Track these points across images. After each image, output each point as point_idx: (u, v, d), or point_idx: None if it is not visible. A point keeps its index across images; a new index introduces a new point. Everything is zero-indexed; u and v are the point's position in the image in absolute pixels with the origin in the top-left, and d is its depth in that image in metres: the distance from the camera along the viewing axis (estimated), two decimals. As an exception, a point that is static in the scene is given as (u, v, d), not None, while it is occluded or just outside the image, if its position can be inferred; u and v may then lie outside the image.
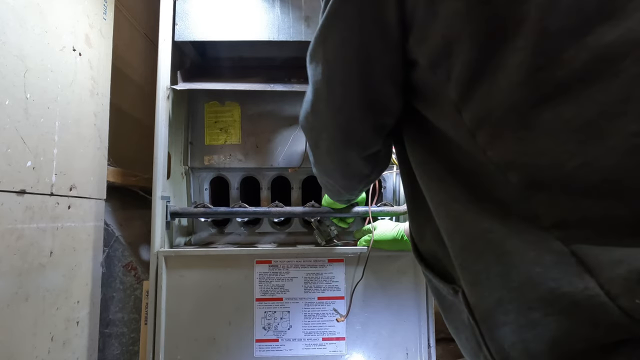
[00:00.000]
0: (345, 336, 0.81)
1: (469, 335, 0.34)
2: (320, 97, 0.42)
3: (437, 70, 0.33)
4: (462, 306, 0.34)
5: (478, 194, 0.32)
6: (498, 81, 0.29)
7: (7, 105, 0.58)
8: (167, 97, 0.87)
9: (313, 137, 0.49)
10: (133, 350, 0.90)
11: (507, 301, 0.28)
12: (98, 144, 0.83)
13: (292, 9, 0.87)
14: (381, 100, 0.39)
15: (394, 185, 1.01)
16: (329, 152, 0.47)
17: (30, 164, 0.62)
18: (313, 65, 0.41)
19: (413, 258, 0.81)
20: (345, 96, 0.40)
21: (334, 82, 0.39)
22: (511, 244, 0.28)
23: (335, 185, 0.55)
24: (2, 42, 0.57)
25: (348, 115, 0.41)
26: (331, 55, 0.38)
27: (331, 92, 0.40)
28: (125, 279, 0.91)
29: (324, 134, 0.45)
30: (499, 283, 0.29)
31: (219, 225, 1.02)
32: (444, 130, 0.34)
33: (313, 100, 0.44)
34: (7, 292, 0.58)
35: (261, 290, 0.81)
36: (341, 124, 0.42)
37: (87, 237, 0.80)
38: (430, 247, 0.41)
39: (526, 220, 0.28)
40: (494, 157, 0.30)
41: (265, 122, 1.00)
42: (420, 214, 0.41)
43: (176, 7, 0.87)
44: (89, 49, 0.79)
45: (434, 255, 0.40)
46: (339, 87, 0.39)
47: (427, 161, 0.37)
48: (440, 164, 0.35)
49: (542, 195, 0.28)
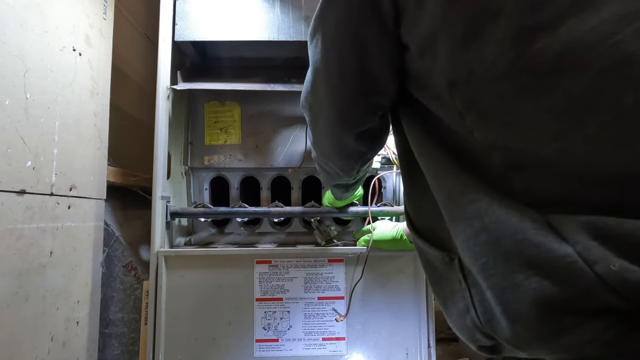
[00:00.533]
0: (345, 336, 0.81)
1: (458, 299, 0.36)
2: (319, 76, 0.44)
3: (424, 56, 0.34)
4: (454, 273, 0.36)
5: (467, 169, 0.34)
6: (479, 70, 0.30)
7: (7, 105, 0.58)
8: (167, 97, 0.87)
9: (312, 116, 0.50)
10: (133, 350, 0.90)
11: (491, 265, 0.30)
12: (98, 144, 0.83)
13: (292, 9, 0.87)
14: (375, 81, 0.40)
15: (394, 185, 1.01)
16: (326, 132, 0.49)
17: (30, 164, 0.62)
18: (313, 44, 0.42)
19: (412, 258, 0.82)
20: (341, 76, 0.41)
21: (330, 62, 0.41)
22: (497, 214, 0.30)
23: (333, 166, 0.56)
24: (2, 42, 0.57)
25: (343, 95, 0.42)
26: (328, 35, 0.40)
27: (328, 71, 0.42)
28: (125, 279, 0.91)
29: (322, 113, 0.47)
30: (487, 249, 0.31)
31: (219, 225, 1.02)
32: (435, 112, 0.36)
33: (312, 80, 0.45)
34: (7, 292, 0.58)
35: (261, 290, 0.81)
36: (337, 104, 0.44)
37: (87, 237, 0.80)
38: (426, 220, 0.43)
39: (509, 197, 0.30)
40: (479, 138, 0.32)
41: (265, 122, 1.00)
42: (416, 189, 0.43)
43: (176, 7, 0.87)
44: (89, 49, 0.79)
45: (430, 227, 0.42)
46: (335, 67, 0.41)
47: (422, 138, 0.39)
48: (435, 140, 0.37)
49: (520, 175, 0.30)
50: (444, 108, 0.35)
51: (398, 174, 0.98)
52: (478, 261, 0.32)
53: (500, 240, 0.30)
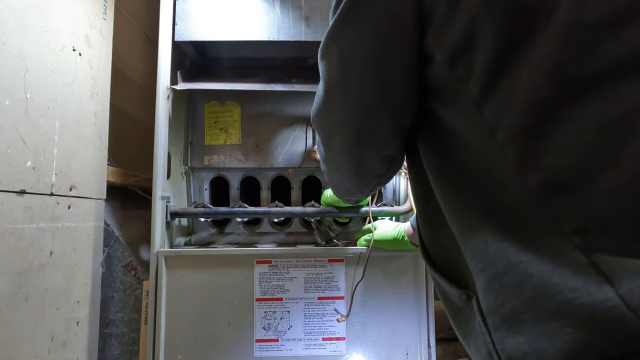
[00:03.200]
0: (345, 336, 0.81)
1: (480, 342, 0.32)
2: (334, 94, 0.41)
3: (456, 65, 0.32)
4: (473, 313, 0.33)
5: (492, 201, 0.30)
6: (522, 76, 0.28)
7: (7, 105, 0.58)
8: (167, 97, 0.87)
9: (325, 134, 0.48)
10: (133, 350, 0.90)
11: (521, 311, 0.27)
12: (98, 144, 0.83)
13: (292, 9, 0.87)
14: (396, 98, 0.38)
15: (394, 185, 1.01)
16: (343, 150, 0.46)
17: (30, 164, 0.62)
18: (325, 61, 0.40)
19: (413, 258, 0.82)
20: (360, 94, 0.39)
21: (348, 80, 0.39)
22: (526, 253, 0.27)
23: (346, 183, 0.54)
24: (2, 42, 0.57)
25: (363, 113, 0.40)
26: (345, 52, 0.37)
27: (346, 89, 0.40)
28: (125, 279, 0.91)
29: (338, 131, 0.44)
30: (513, 292, 0.28)
31: (219, 225, 1.02)
32: (460, 131, 0.33)
33: (325, 97, 0.43)
34: (7, 292, 0.58)
35: (261, 290, 0.81)
36: (356, 122, 0.41)
37: (87, 237, 0.80)
38: (444, 252, 0.40)
39: (543, 228, 0.27)
40: (513, 156, 0.28)
41: (265, 122, 1.00)
42: (435, 217, 0.40)
43: (176, 7, 0.87)
44: (89, 49, 0.79)
45: (448, 259, 0.39)
46: (354, 85, 0.39)
47: (441, 165, 0.37)
48: (454, 168, 0.34)
49: (562, 198, 0.26)
50: (471, 125, 0.32)
51: (398, 174, 0.98)
52: (506, 304, 0.28)
53: (528, 282, 0.27)
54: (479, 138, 0.31)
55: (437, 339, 0.84)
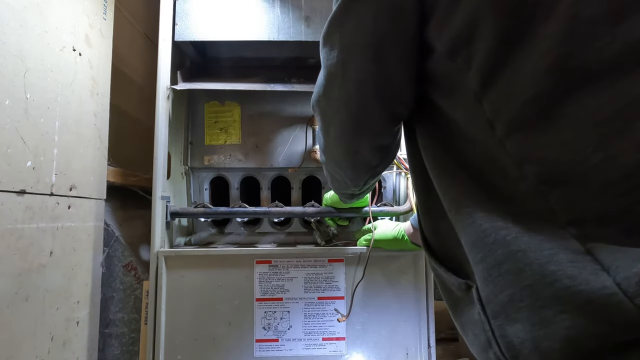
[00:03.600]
0: (345, 336, 0.81)
1: (479, 331, 0.33)
2: (334, 81, 0.41)
3: (456, 57, 0.32)
4: (472, 302, 0.33)
5: (490, 190, 0.31)
6: (522, 69, 0.28)
7: (7, 105, 0.58)
8: (167, 97, 0.87)
9: (324, 121, 0.48)
10: (133, 350, 0.90)
11: (519, 298, 0.28)
12: (98, 144, 0.83)
13: (292, 9, 0.87)
14: (395, 88, 0.39)
15: (394, 185, 1.01)
16: (340, 138, 0.46)
17: (30, 164, 0.62)
18: (327, 48, 0.40)
19: (413, 258, 0.82)
20: (359, 82, 0.39)
21: (348, 67, 0.39)
22: (524, 241, 0.28)
23: (342, 175, 0.54)
24: (2, 42, 0.57)
25: (361, 102, 0.40)
26: (347, 39, 0.38)
27: (345, 77, 0.40)
28: (125, 279, 0.91)
29: (336, 119, 0.44)
30: (512, 280, 0.28)
31: (219, 225, 1.02)
32: (459, 122, 0.33)
33: (326, 84, 0.43)
34: (7, 292, 0.58)
35: (261, 290, 0.81)
36: (354, 111, 0.41)
37: (87, 237, 0.80)
38: (444, 242, 0.40)
39: (541, 218, 0.27)
40: (511, 149, 0.29)
41: (265, 122, 1.00)
42: (435, 208, 0.40)
43: (176, 7, 0.87)
44: (89, 49, 0.79)
45: (448, 249, 0.39)
46: (353, 73, 0.39)
47: (440, 155, 0.37)
48: (453, 158, 0.35)
49: (559, 190, 0.27)
50: (470, 116, 0.32)
51: (398, 174, 0.98)
52: (504, 292, 0.29)
53: (527, 270, 0.27)
54: (478, 129, 0.32)
55: (437, 339, 0.84)
